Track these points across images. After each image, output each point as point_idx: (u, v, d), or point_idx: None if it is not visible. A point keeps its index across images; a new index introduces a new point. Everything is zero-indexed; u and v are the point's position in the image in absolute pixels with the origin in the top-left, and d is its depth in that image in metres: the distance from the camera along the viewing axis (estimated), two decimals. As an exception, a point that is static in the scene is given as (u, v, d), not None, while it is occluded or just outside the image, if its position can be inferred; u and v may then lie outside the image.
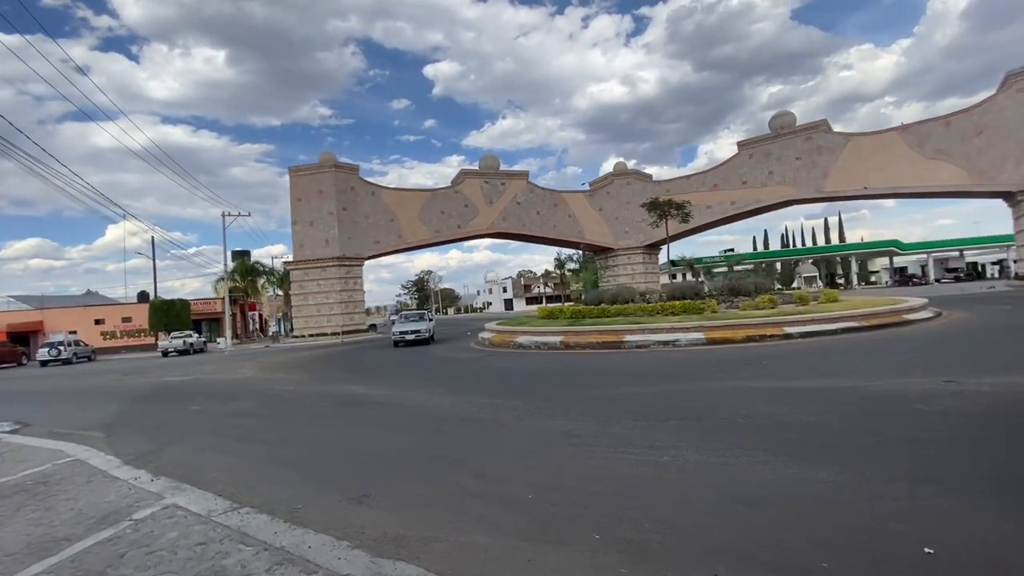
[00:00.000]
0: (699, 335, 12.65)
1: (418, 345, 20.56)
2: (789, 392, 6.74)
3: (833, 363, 9.03)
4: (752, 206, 40.06)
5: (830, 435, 4.77)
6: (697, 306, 15.15)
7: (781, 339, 12.20)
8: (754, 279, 18.51)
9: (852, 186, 36.42)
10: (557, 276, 70.74)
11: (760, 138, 40.30)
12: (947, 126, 33.51)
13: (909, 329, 12.62)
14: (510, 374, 10.93)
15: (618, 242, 44.80)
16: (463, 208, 41.28)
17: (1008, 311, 15.42)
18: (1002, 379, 6.36)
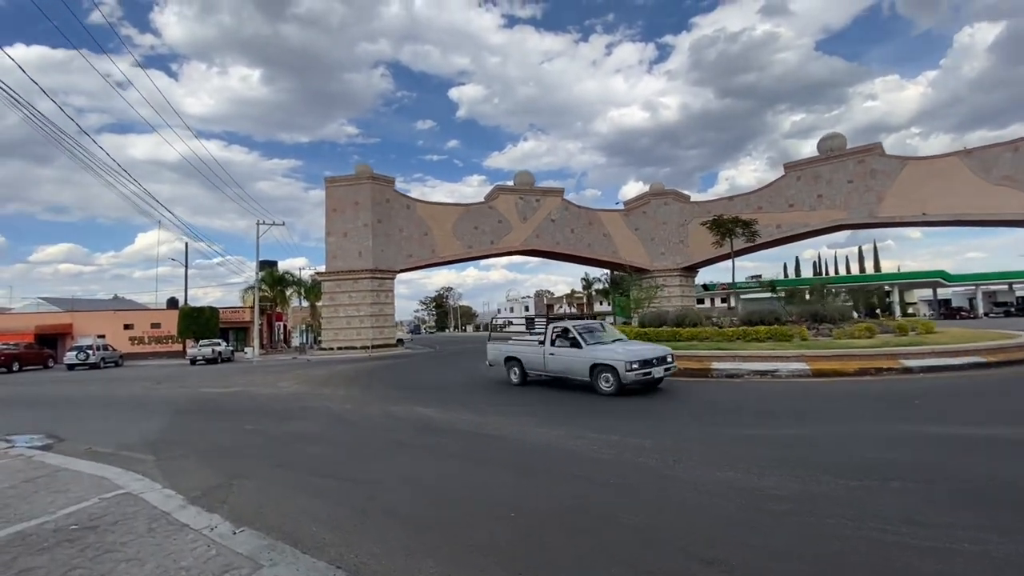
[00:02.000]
0: (802, 365, 11.16)
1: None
2: (1002, 443, 5.29)
3: (1000, 406, 7.52)
4: (800, 230, 38.35)
5: None
6: (785, 332, 13.66)
7: (900, 373, 10.65)
8: (837, 305, 16.95)
9: (909, 212, 34.57)
10: (583, 296, 69.27)
11: (809, 160, 38.78)
12: (1015, 151, 31.68)
13: (1047, 367, 10.98)
14: (596, 400, 9.58)
15: (654, 263, 43.32)
16: (497, 224, 40.40)
17: None
18: None
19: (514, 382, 12.07)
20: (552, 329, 11.26)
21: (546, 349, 11.11)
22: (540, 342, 11.42)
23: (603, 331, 11.61)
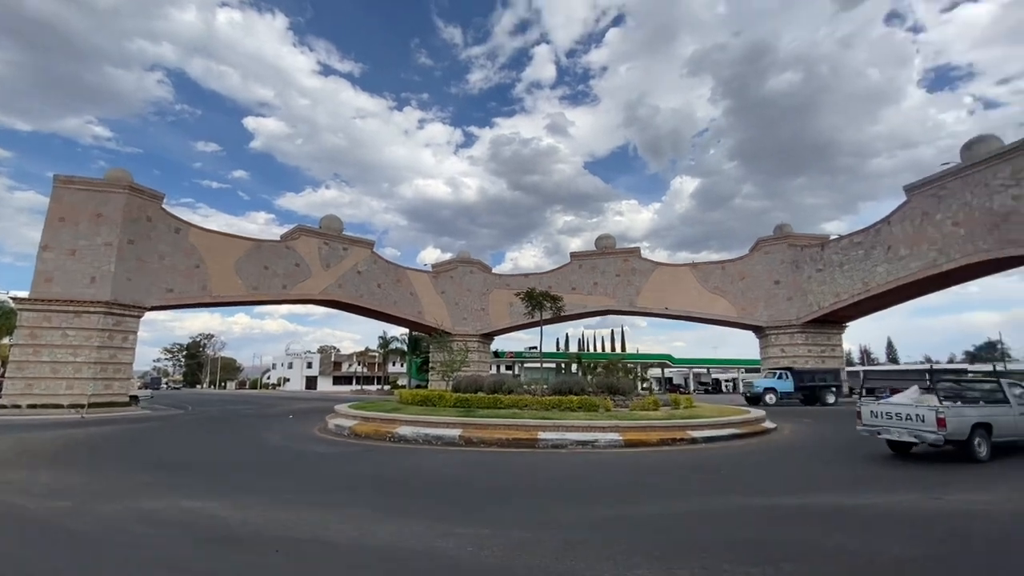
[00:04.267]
0: (616, 436, 11.89)
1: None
2: (825, 513, 6.08)
3: (786, 473, 8.98)
4: (579, 310, 43.96)
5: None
6: (593, 403, 14.62)
7: (689, 443, 12.18)
8: (623, 378, 19.16)
9: (657, 305, 43.01)
10: (377, 355, 65.83)
11: (590, 252, 45.65)
12: (722, 269, 42.75)
13: (776, 438, 13.97)
14: (432, 480, 8.31)
15: (456, 327, 43.98)
16: (293, 267, 36.01)
17: (811, 423, 18.59)
18: (975, 496, 6.76)
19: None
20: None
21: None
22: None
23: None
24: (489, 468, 9.40)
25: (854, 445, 13.16)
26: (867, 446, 12.07)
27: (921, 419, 9.70)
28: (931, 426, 9.50)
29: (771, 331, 39.51)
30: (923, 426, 9.65)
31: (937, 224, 29.18)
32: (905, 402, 10.49)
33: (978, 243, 26.98)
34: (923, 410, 9.77)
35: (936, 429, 9.42)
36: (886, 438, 10.44)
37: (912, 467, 9.51)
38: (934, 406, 9.69)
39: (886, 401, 11.11)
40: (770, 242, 40.60)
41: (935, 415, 9.49)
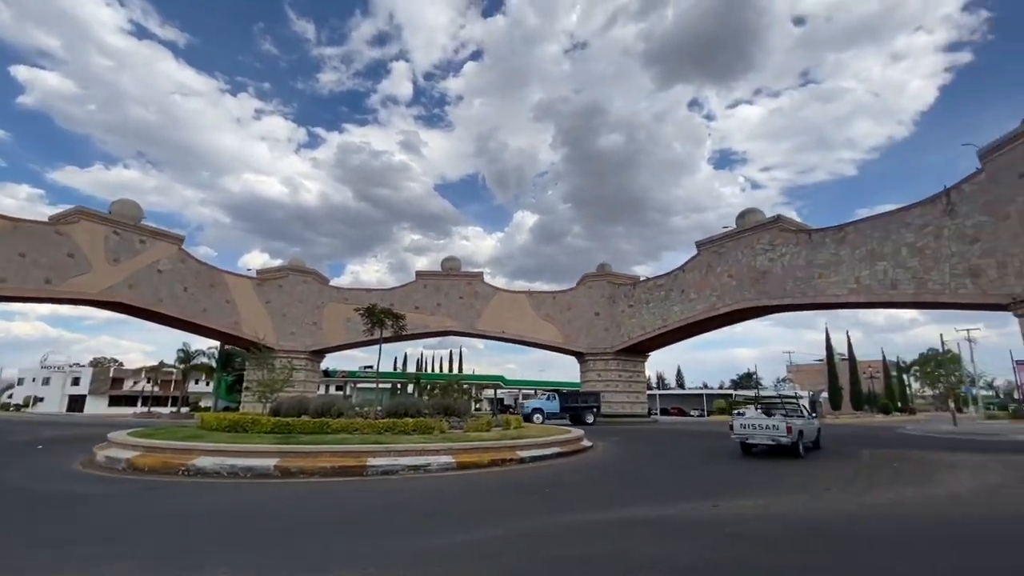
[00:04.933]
0: (449, 459, 11.77)
1: None
2: (633, 525, 6.76)
3: (602, 489, 9.82)
4: (421, 329, 43.38)
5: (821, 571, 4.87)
6: (428, 425, 14.33)
7: (518, 463, 12.64)
8: (460, 399, 19.24)
9: (495, 328, 44.68)
10: (176, 372, 55.76)
11: (435, 273, 45.68)
12: (553, 299, 46.43)
13: (592, 455, 15.33)
14: (232, 517, 7.14)
15: (281, 342, 39.74)
16: (65, 258, 28.91)
17: (619, 441, 20.89)
18: (743, 501, 8.20)
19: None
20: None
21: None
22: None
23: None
24: (303, 500, 8.48)
25: (655, 458, 15.11)
26: (668, 459, 13.93)
27: (776, 428, 14.26)
28: (783, 432, 14.10)
29: (590, 357, 43.89)
30: (777, 433, 14.21)
31: (717, 275, 35.90)
32: (760, 418, 15.12)
33: (744, 293, 33.87)
34: (777, 421, 14.42)
35: (786, 434, 14.06)
36: (743, 441, 14.97)
37: (702, 478, 11.25)
38: (783, 419, 14.48)
39: (748, 417, 15.48)
40: (593, 278, 45.46)
41: (785, 425, 14.14)
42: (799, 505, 7.96)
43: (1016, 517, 7.32)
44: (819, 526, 6.65)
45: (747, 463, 13.50)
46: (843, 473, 11.55)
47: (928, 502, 8.24)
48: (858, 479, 10.66)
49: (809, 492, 9.06)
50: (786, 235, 32.06)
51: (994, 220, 23.09)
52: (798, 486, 9.68)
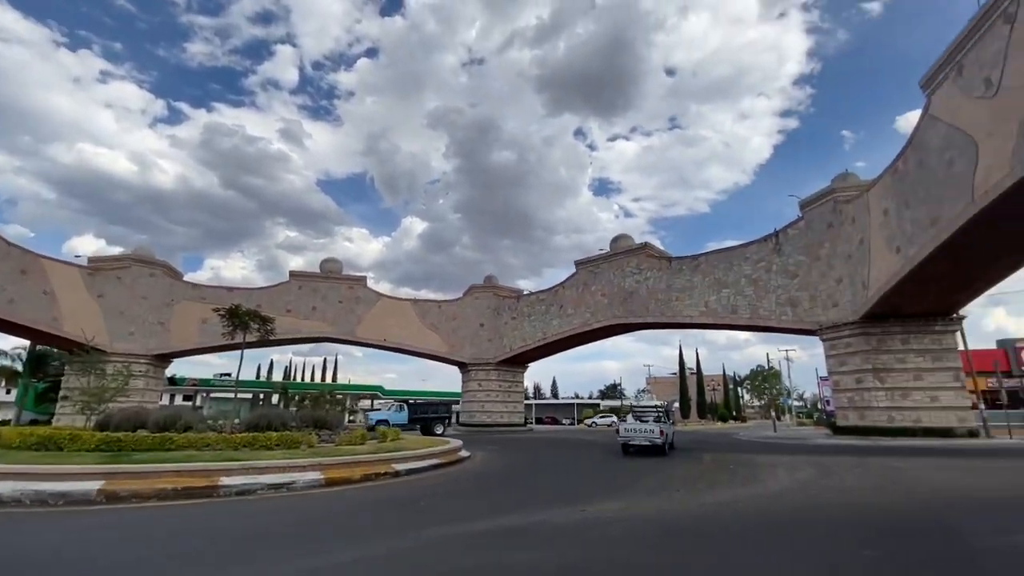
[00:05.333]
0: (317, 475, 10.95)
1: None
2: (507, 534, 6.85)
3: (482, 500, 9.82)
4: (292, 335, 40.12)
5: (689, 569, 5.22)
6: (295, 439, 13.21)
7: (393, 477, 12.18)
8: (332, 410, 18.07)
9: (376, 336, 42.96)
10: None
11: (313, 274, 42.73)
12: (439, 308, 46.04)
13: (470, 465, 15.33)
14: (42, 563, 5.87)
15: (115, 344, 34.00)
16: None
17: (496, 450, 21.21)
18: (608, 505, 8.77)
19: None
20: None
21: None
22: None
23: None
24: (131, 531, 7.29)
25: (529, 466, 15.58)
26: (541, 467, 14.38)
27: (652, 432, 18.04)
28: (657, 435, 17.90)
29: (472, 367, 44.20)
30: (653, 436, 17.97)
31: (592, 293, 38.49)
32: (639, 424, 18.74)
33: (614, 310, 36.72)
34: (652, 426, 18.23)
35: (659, 436, 17.85)
36: (626, 442, 18.50)
37: (572, 485, 11.82)
38: (656, 427, 18.16)
39: (630, 424, 19.08)
40: (480, 289, 46.06)
41: (659, 429, 17.97)
42: (655, 506, 8.75)
43: (818, 506, 8.81)
44: (673, 524, 7.37)
45: (610, 469, 14.54)
46: (690, 475, 12.96)
47: (756, 498, 9.58)
48: (702, 480, 12.04)
49: (663, 494, 10.00)
50: (651, 261, 35.54)
51: (809, 260, 27.94)
52: (654, 489, 10.64)
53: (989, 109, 15.27)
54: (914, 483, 11.09)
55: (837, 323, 25.99)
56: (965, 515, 7.84)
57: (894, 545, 6.14)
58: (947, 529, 6.87)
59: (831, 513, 8.24)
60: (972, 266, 19.98)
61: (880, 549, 5.83)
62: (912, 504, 8.77)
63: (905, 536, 6.64)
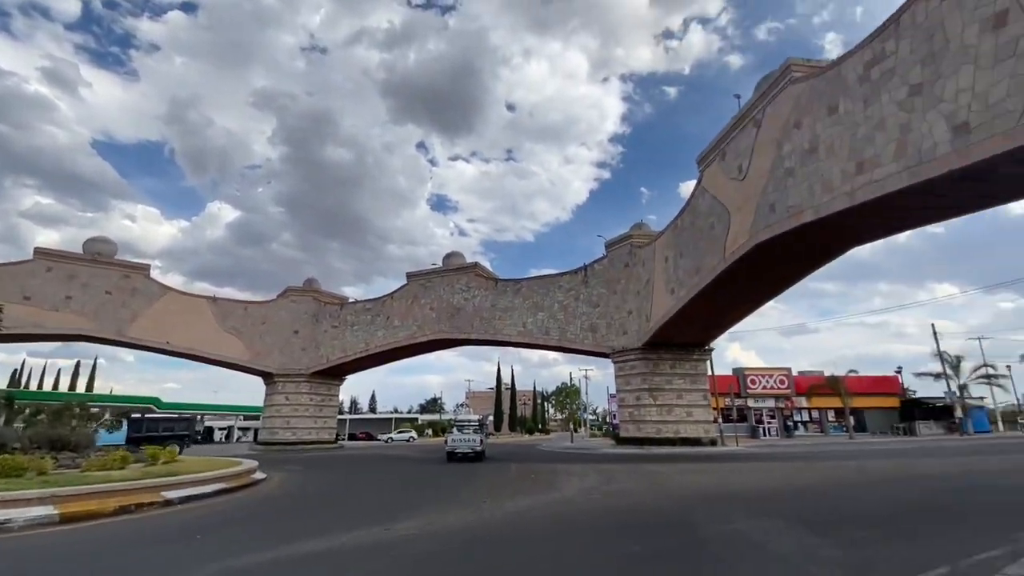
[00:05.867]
0: (49, 509, 8.58)
1: None
2: (304, 562, 6.27)
3: (275, 526, 8.78)
4: (30, 329, 31.20)
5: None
6: (18, 464, 10.18)
7: (163, 507, 10.21)
8: (79, 427, 14.45)
9: (155, 337, 35.98)
10: None
11: (71, 255, 34.14)
12: (245, 310, 40.73)
13: (265, 488, 13.69)
14: None
15: None
16: None
17: (300, 470, 19.39)
18: (415, 521, 8.66)
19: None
20: None
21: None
22: None
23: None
24: None
25: (335, 486, 14.58)
26: (347, 486, 13.54)
27: (474, 441, 22.42)
28: (478, 445, 22.37)
29: (280, 378, 40.00)
30: (475, 445, 22.29)
31: (422, 306, 38.37)
32: (462, 435, 22.74)
33: (442, 325, 37.11)
34: (472, 436, 22.68)
35: (479, 445, 22.37)
36: (452, 451, 22.34)
37: (377, 503, 11.38)
38: (477, 437, 22.82)
39: (455, 436, 22.88)
40: (298, 292, 42.24)
41: (479, 439, 22.80)
42: (462, 518, 8.96)
43: (601, 509, 10.06)
44: (478, 534, 7.63)
45: (419, 484, 14.50)
46: (497, 485, 13.64)
47: (553, 504, 10.51)
48: (508, 489, 12.77)
49: (469, 506, 10.32)
50: (479, 280, 37.05)
51: (608, 293, 32.21)
52: (460, 502, 10.90)
53: (739, 189, 19.83)
54: (669, 484, 13.44)
55: (626, 348, 30.37)
56: (704, 509, 9.77)
57: (655, 538, 7.34)
58: (690, 522, 8.46)
59: (610, 515, 9.48)
60: (721, 309, 25.39)
61: (643, 544, 6.92)
62: (669, 502, 10.61)
63: (663, 529, 8.00)
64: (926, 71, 11.30)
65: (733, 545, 6.75)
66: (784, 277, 21.87)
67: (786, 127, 16.59)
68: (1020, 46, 9.32)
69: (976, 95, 10.12)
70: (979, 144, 10.02)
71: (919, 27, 11.55)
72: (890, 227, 16.43)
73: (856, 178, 13.21)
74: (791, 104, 16.39)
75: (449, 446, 22.45)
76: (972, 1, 10.26)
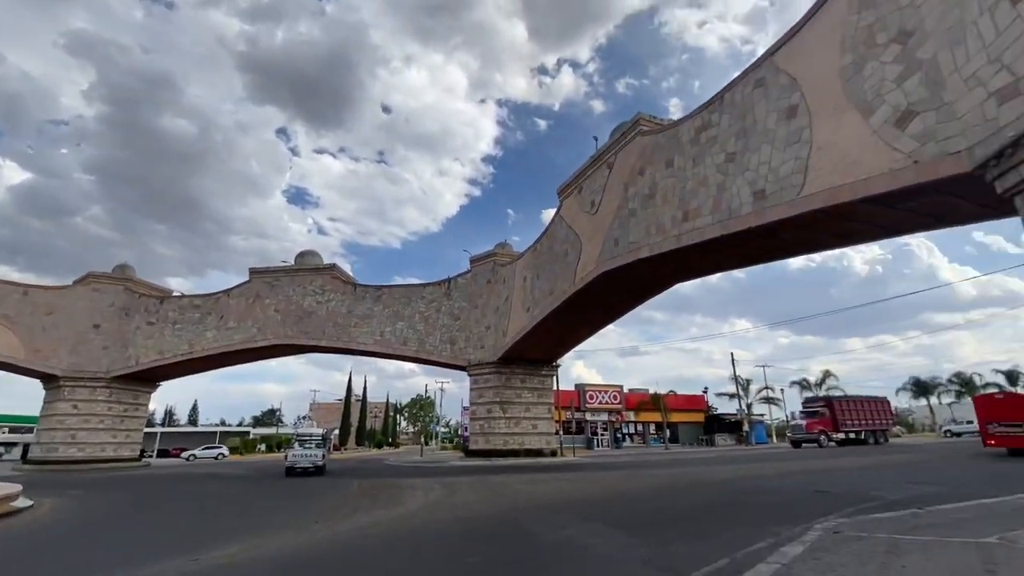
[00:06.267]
0: None
1: None
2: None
3: (55, 563, 7.02)
4: None
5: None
6: None
7: None
8: None
9: None
10: None
11: None
12: (24, 294, 32.78)
13: (27, 519, 10.99)
14: None
15: None
16: None
17: (81, 495, 15.97)
18: (229, 549, 7.65)
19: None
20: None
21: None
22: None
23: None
24: None
25: (132, 512, 12.32)
26: (148, 511, 11.51)
27: (315, 456, 22.26)
28: (320, 459, 22.36)
29: (68, 382, 32.86)
30: (316, 459, 22.13)
31: (265, 306, 34.81)
32: (303, 450, 22.46)
33: (288, 329, 34.04)
34: (314, 450, 22.57)
35: (321, 460, 22.40)
36: (292, 466, 21.86)
37: (188, 529, 9.84)
38: (320, 451, 22.92)
39: (296, 451, 22.51)
40: (105, 279, 35.45)
41: (321, 453, 22.85)
42: (287, 542, 8.19)
43: (443, 521, 10.00)
44: (303, 560, 7.04)
45: (242, 505, 12.99)
46: (334, 504, 12.79)
47: (393, 520, 10.16)
48: (345, 507, 12.03)
49: (297, 527, 9.50)
50: (336, 283, 34.97)
51: (470, 307, 32.77)
52: (287, 524, 9.99)
53: (591, 222, 21.82)
54: (512, 496, 13.94)
55: (482, 362, 31.05)
56: (541, 517, 10.30)
57: (494, 547, 7.52)
58: (528, 530, 8.86)
59: (453, 526, 9.49)
60: (569, 328, 27.43)
61: (480, 554, 7.05)
62: (510, 513, 10.97)
63: (502, 538, 8.24)
64: (739, 143, 13.75)
65: (563, 549, 7.23)
66: (623, 304, 24.51)
67: (632, 173, 18.77)
68: (803, 135, 11.85)
69: (771, 169, 12.59)
70: (771, 208, 12.45)
71: (736, 106, 14.05)
72: (706, 269, 19.48)
73: (683, 224, 15.44)
74: (638, 153, 18.63)
75: (289, 461, 22.11)
76: (774, 93, 12.80)
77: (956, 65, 8.48)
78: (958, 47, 8.42)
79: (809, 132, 11.61)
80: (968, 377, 60.38)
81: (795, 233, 13.44)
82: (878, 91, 10.03)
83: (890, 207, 10.83)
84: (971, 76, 8.20)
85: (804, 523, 8.32)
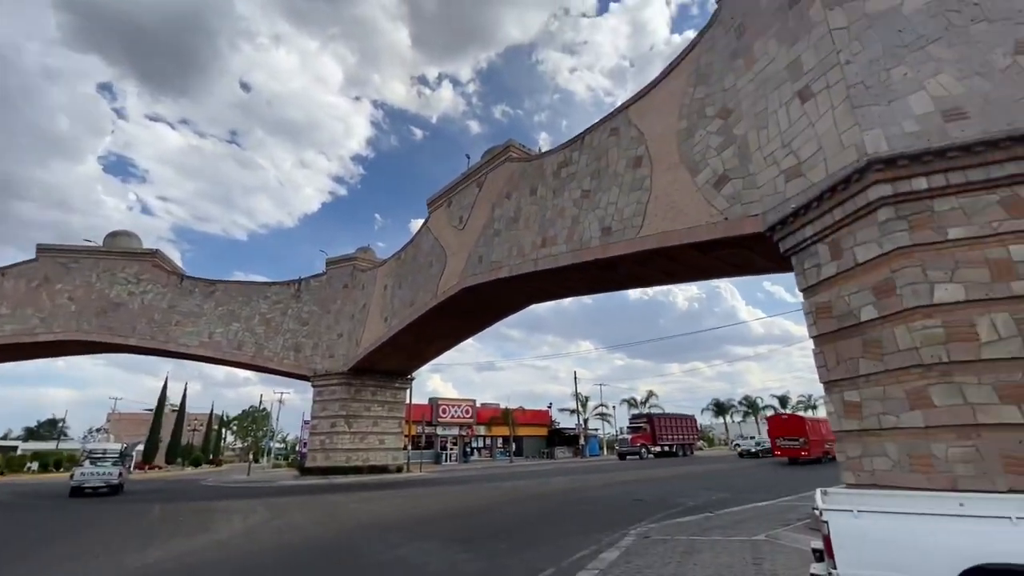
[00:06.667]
0: None
1: None
2: None
3: None
4: None
5: None
6: None
7: None
8: None
9: None
10: None
11: None
12: None
13: None
14: None
15: None
16: None
17: None
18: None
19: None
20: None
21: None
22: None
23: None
24: None
25: None
26: None
27: (110, 474, 19.65)
28: (115, 477, 19.64)
29: None
30: (111, 478, 19.53)
31: (55, 293, 28.44)
32: (96, 468, 19.89)
33: (84, 322, 28.13)
34: (112, 469, 20.02)
35: (117, 478, 19.72)
36: (79, 486, 19.09)
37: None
38: (116, 469, 20.20)
39: (86, 468, 20.01)
40: None
41: (118, 471, 20.09)
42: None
43: (260, 550, 8.97)
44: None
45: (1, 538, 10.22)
46: (126, 532, 10.74)
47: (198, 551, 8.83)
48: (137, 538, 10.16)
49: (74, 562, 7.77)
50: (158, 273, 30.09)
51: (321, 312, 30.59)
52: (62, 557, 8.13)
53: (458, 237, 22.05)
54: (346, 516, 13.13)
55: (330, 371, 29.04)
56: (374, 537, 9.83)
57: (317, 573, 6.94)
58: (358, 552, 8.37)
59: (271, 553, 8.56)
60: (428, 340, 27.12)
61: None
62: (341, 535, 10.29)
63: (328, 563, 7.65)
64: (593, 182, 15.14)
65: (393, 569, 6.96)
66: (483, 319, 25.03)
67: (500, 195, 19.50)
68: (645, 183, 13.46)
69: (618, 209, 14.06)
70: (614, 244, 13.87)
71: (594, 149, 15.49)
72: (558, 292, 20.89)
73: (540, 249, 16.41)
74: (506, 177, 19.43)
75: (76, 480, 19.47)
76: (625, 142, 14.39)
77: (760, 144, 10.43)
78: (763, 130, 10.38)
79: (650, 181, 13.25)
80: (753, 400, 73.88)
81: (631, 268, 15.13)
82: (703, 155, 11.88)
83: (704, 253, 12.81)
84: (769, 155, 10.14)
85: (622, 529, 9.20)
